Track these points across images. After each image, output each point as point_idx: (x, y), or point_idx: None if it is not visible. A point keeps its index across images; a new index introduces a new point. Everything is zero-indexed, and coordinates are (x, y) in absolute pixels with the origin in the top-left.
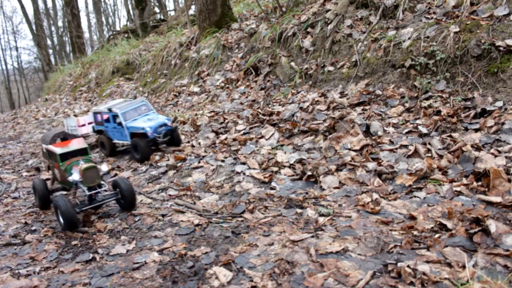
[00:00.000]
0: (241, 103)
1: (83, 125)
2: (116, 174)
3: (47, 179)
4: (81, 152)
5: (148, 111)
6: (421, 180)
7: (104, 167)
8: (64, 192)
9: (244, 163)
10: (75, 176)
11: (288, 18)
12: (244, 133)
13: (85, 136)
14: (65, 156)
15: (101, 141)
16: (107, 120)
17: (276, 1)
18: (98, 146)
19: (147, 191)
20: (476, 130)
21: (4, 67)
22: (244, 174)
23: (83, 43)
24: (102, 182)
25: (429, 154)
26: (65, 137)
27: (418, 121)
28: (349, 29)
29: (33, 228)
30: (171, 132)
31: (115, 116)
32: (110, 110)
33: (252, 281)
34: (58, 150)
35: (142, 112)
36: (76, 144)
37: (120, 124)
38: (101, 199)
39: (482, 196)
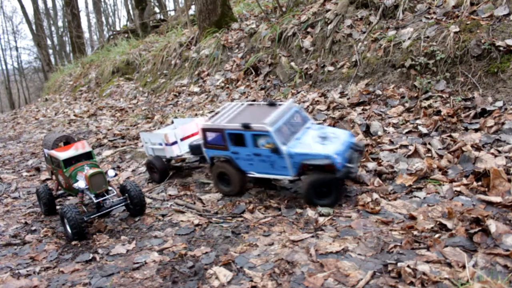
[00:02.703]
0: None
1: (174, 142)
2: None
3: (47, 179)
4: (86, 156)
5: (305, 123)
6: (421, 180)
7: (111, 172)
8: (70, 198)
9: None
10: (80, 184)
11: (288, 18)
12: None
13: (177, 160)
14: (68, 162)
15: (220, 172)
16: (238, 143)
17: (276, 1)
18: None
19: (147, 191)
20: (476, 130)
21: (4, 67)
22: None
23: (83, 43)
24: (110, 188)
25: (429, 154)
26: (68, 140)
27: (418, 121)
28: (349, 29)
29: (33, 228)
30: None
31: (257, 136)
32: (247, 127)
33: (252, 281)
34: (61, 155)
35: (299, 127)
36: (80, 148)
37: (275, 150)
38: (109, 206)
39: (482, 196)
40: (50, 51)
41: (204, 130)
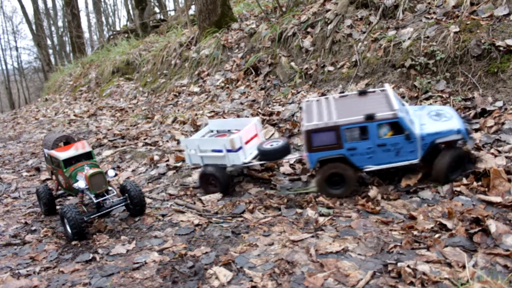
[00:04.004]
0: (241, 103)
1: (239, 148)
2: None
3: (47, 179)
4: (86, 156)
5: (404, 106)
6: (422, 180)
7: (111, 172)
8: (70, 198)
9: None
10: (80, 184)
11: (288, 18)
12: None
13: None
14: (68, 162)
15: (330, 174)
16: (360, 137)
17: (276, 1)
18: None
19: (147, 191)
20: (476, 130)
21: (4, 67)
22: (244, 174)
23: (83, 43)
24: (110, 188)
25: None
26: (68, 140)
27: None
28: (349, 29)
29: (33, 228)
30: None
31: (380, 126)
32: (371, 117)
33: (252, 281)
34: (61, 155)
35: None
36: (80, 148)
37: (408, 136)
38: (109, 206)
39: (482, 196)
40: (50, 51)
41: (310, 132)
